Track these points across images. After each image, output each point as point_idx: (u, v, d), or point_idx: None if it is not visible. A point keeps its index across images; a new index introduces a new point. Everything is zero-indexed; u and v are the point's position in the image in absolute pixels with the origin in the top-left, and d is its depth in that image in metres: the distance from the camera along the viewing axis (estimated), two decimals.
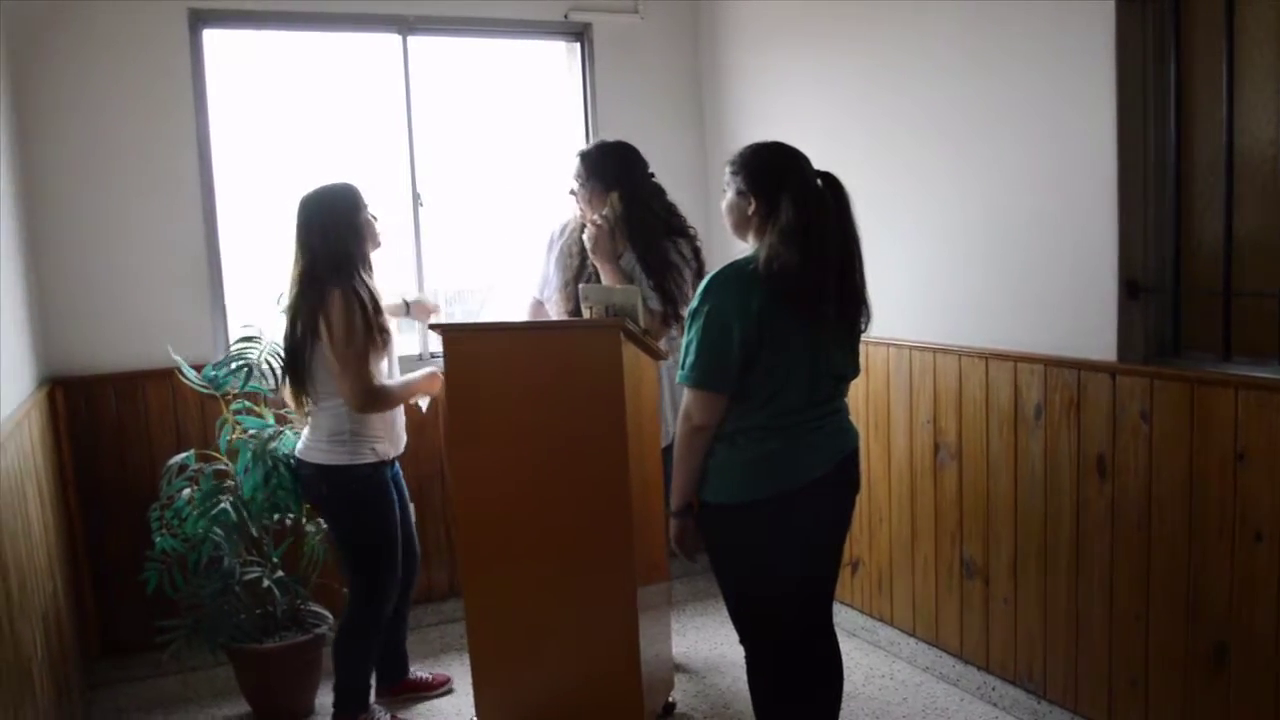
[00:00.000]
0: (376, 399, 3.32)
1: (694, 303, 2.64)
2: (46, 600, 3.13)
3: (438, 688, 3.90)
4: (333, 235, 3.29)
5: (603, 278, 3.58)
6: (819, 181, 2.63)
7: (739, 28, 4.61)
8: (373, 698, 3.62)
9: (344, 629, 3.49)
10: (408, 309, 3.82)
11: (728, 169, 2.72)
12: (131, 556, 3.70)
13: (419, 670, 3.95)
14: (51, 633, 3.13)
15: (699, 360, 2.58)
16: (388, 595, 3.48)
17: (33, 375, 3.54)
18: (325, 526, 3.69)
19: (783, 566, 2.68)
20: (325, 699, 3.74)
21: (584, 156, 3.70)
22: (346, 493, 3.38)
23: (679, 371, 2.65)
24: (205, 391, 3.69)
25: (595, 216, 3.61)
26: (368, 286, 3.33)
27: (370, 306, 3.29)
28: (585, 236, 3.60)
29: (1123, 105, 2.93)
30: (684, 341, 2.66)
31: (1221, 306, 2.82)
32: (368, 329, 3.26)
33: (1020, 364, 3.30)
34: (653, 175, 3.74)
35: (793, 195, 2.56)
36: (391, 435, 3.47)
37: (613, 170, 3.64)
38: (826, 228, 2.57)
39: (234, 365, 3.66)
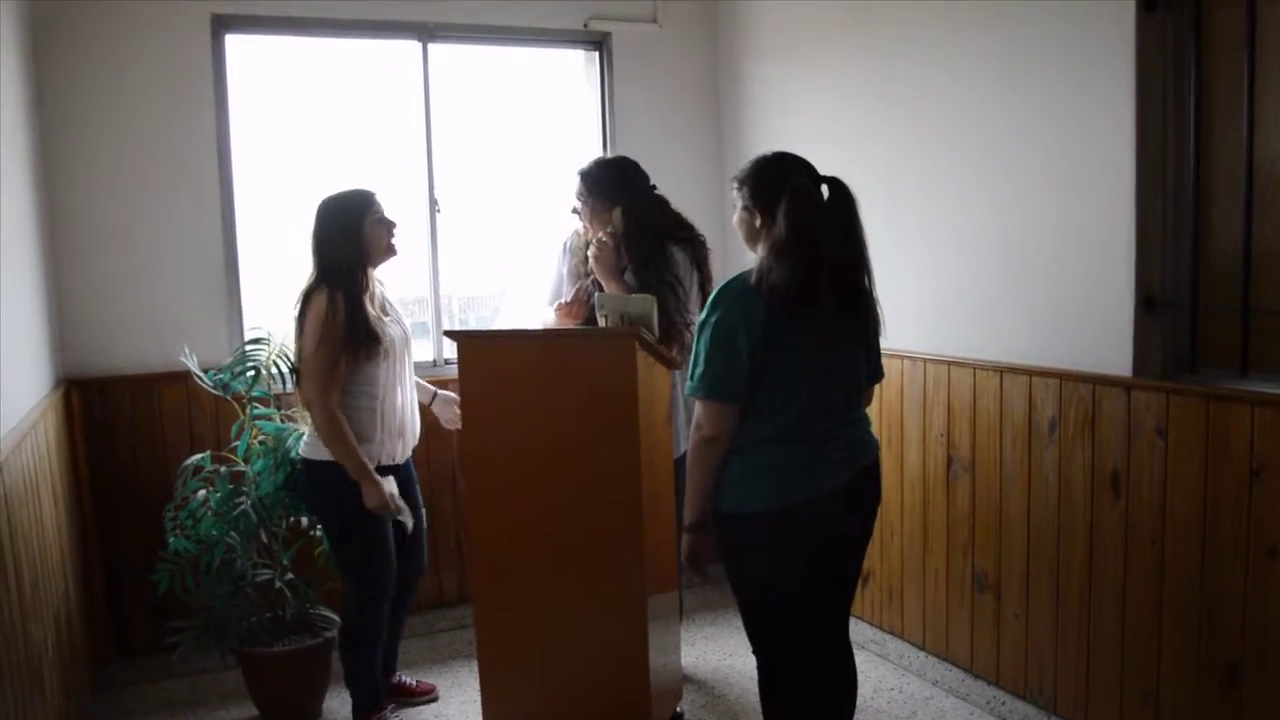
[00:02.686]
0: (328, 420, 3.27)
1: (703, 314, 2.64)
2: (58, 600, 3.14)
3: (422, 695, 3.87)
4: (328, 242, 3.32)
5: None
6: (824, 187, 2.61)
7: (758, 38, 4.62)
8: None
9: (341, 629, 3.53)
10: (433, 398, 3.83)
11: (733, 184, 2.73)
12: (144, 558, 3.71)
13: (406, 676, 3.92)
14: (63, 633, 3.15)
15: (707, 370, 2.58)
16: (378, 596, 3.45)
17: (49, 376, 3.56)
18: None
19: (797, 577, 2.66)
20: (333, 703, 3.76)
21: (584, 175, 3.68)
22: (327, 491, 3.36)
23: (688, 383, 2.64)
24: (218, 394, 3.70)
25: (600, 234, 3.60)
26: (358, 295, 3.31)
27: (354, 314, 3.28)
28: (590, 254, 3.59)
29: (1142, 117, 2.92)
30: (693, 352, 2.65)
31: (1239, 322, 2.81)
32: (349, 336, 3.26)
33: (1035, 378, 3.29)
34: (654, 187, 3.73)
35: (786, 210, 2.55)
36: (385, 438, 3.43)
37: (613, 186, 3.64)
38: (821, 238, 2.54)
39: (242, 368, 3.67)
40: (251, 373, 3.65)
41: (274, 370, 3.67)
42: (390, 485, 3.36)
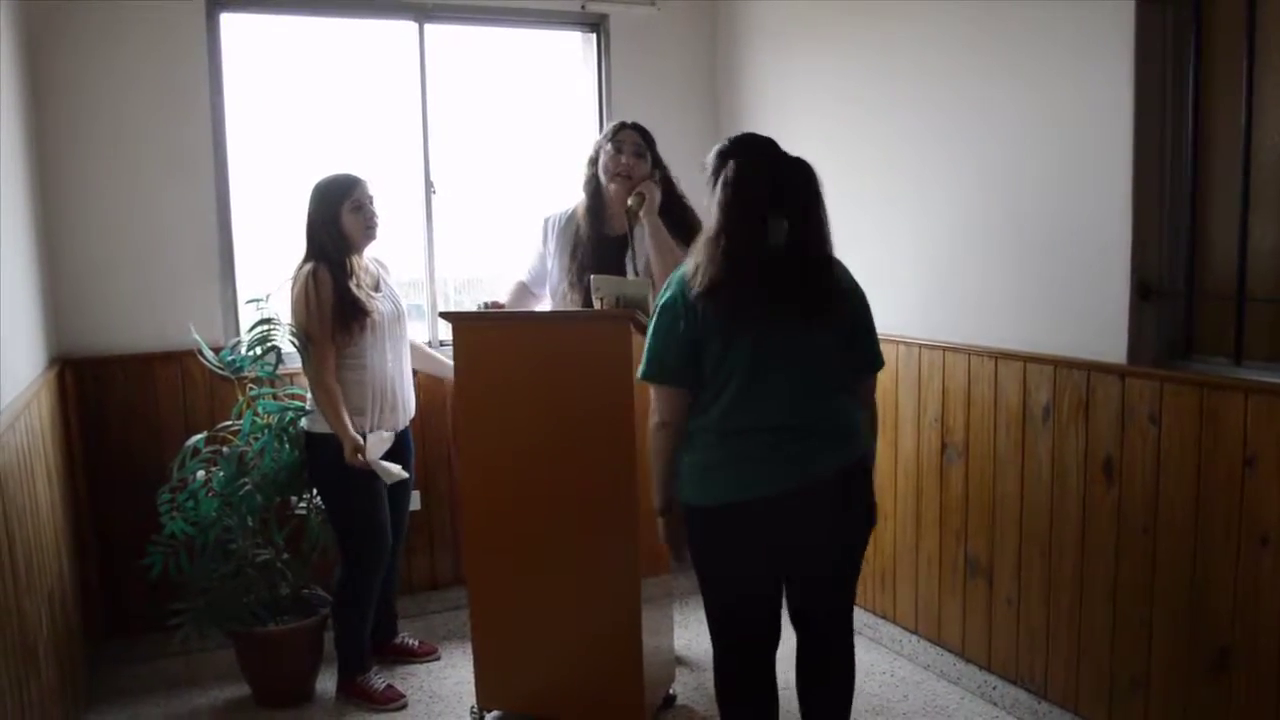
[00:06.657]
0: (319, 385, 3.48)
1: (658, 298, 2.61)
2: (52, 579, 3.14)
3: (424, 655, 4.02)
4: (315, 225, 3.53)
5: (651, 238, 3.49)
6: (787, 169, 2.52)
7: (755, 22, 4.60)
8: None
9: (335, 595, 3.65)
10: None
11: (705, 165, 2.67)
12: (137, 538, 3.70)
13: (409, 637, 4.06)
14: (57, 612, 3.15)
15: (651, 354, 2.55)
16: (372, 565, 3.61)
17: (43, 355, 3.55)
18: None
19: (734, 575, 2.63)
20: (325, 683, 3.77)
21: (645, 132, 3.66)
22: (326, 463, 3.53)
23: (640, 368, 2.60)
24: (222, 374, 3.68)
25: (650, 182, 3.53)
26: (341, 273, 3.48)
27: (336, 291, 3.45)
28: (647, 196, 3.49)
29: (1140, 106, 2.92)
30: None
31: (1234, 311, 2.81)
32: (337, 312, 3.44)
33: (1029, 364, 3.29)
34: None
35: (718, 198, 2.50)
36: (377, 409, 3.58)
37: (657, 155, 3.67)
38: (764, 225, 2.45)
39: (261, 349, 3.61)
40: (271, 354, 3.62)
41: (293, 345, 3.66)
42: (377, 448, 3.50)
